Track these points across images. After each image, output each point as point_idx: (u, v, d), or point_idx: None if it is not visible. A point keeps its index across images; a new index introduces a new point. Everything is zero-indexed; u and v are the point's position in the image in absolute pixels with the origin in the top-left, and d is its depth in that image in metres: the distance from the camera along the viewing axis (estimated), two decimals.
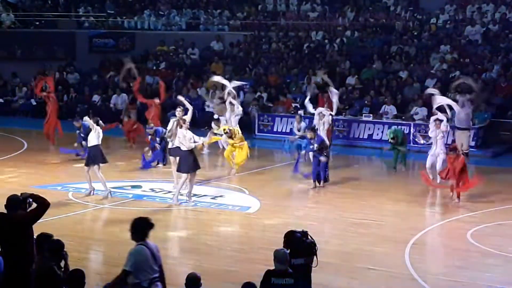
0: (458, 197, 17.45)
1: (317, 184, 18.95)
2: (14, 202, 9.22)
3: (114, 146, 23.80)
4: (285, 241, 9.36)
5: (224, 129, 20.63)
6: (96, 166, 17.20)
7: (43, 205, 9.19)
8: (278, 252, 8.87)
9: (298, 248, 9.30)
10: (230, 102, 22.15)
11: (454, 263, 13.25)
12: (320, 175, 18.92)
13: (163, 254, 13.46)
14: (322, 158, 18.78)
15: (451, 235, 15.01)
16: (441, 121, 19.06)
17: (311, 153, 20.00)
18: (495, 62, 27.98)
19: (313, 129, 19.86)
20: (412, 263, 12.94)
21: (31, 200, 9.25)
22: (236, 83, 23.02)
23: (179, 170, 17.08)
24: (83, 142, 20.17)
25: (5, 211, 9.28)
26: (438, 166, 18.85)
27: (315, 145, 18.88)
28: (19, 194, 9.31)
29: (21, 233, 9.07)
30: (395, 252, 13.61)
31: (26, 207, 9.26)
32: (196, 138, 16.94)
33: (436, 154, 19.06)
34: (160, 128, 21.25)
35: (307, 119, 23.47)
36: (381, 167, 22.12)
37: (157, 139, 20.95)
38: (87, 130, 18.12)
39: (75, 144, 21.74)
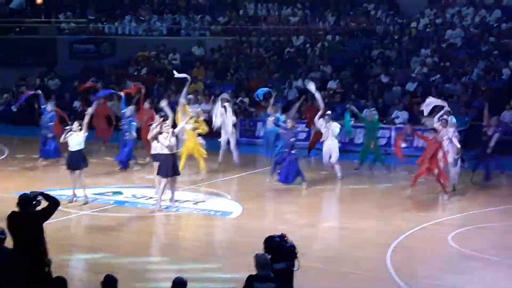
0: (446, 191, 17.67)
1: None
2: (26, 200, 9.44)
3: (91, 150, 23.59)
4: (265, 247, 9.37)
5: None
6: (78, 171, 17.19)
7: (53, 203, 9.49)
8: (259, 257, 8.88)
9: (279, 252, 9.30)
10: (224, 107, 21.19)
11: (436, 266, 13.31)
12: (298, 173, 18.95)
13: (145, 260, 13.59)
14: (294, 153, 18.78)
15: (432, 238, 15.07)
16: (446, 119, 18.28)
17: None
18: (475, 65, 28.15)
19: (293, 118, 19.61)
20: (394, 267, 12.98)
21: (41, 198, 9.46)
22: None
23: (158, 173, 17.07)
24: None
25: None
26: (454, 170, 18.82)
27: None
28: (29, 192, 9.53)
29: (34, 230, 9.33)
30: (377, 255, 13.65)
31: (36, 205, 9.48)
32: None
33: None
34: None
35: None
36: (361, 171, 22.19)
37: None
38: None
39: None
